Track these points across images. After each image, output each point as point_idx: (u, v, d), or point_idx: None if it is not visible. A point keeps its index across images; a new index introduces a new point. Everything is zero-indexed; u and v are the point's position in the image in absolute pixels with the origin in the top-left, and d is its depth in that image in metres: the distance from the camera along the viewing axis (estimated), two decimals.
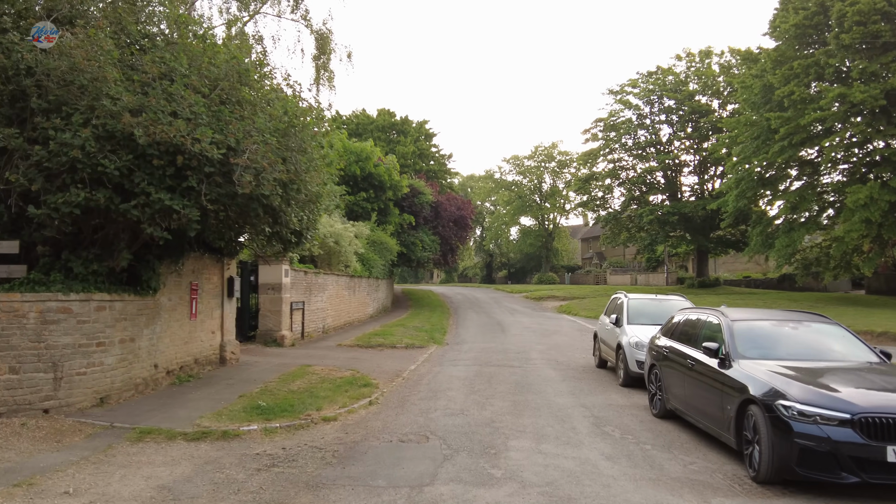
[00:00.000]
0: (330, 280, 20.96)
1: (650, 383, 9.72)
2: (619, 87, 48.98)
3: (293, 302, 17.26)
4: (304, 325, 18.14)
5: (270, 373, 11.98)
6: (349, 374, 11.86)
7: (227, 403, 9.25)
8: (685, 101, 43.32)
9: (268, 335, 16.43)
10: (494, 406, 9.75)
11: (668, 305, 13.13)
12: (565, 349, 17.66)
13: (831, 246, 31.77)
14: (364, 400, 9.81)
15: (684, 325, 9.11)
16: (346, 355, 15.20)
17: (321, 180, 10.87)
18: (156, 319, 10.30)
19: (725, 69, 45.42)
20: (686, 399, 8.27)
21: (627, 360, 11.64)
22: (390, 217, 32.75)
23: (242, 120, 8.67)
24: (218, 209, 8.59)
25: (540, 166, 74.29)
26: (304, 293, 18.33)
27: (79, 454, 6.81)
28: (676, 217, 41.30)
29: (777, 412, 6.08)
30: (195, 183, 8.22)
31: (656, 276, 58.11)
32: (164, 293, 10.57)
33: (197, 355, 11.88)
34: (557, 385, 11.78)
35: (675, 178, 46.91)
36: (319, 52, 19.84)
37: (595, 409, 9.72)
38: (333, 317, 21.46)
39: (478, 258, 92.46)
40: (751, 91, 31.98)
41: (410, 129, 45.16)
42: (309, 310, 18.75)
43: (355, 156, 31.11)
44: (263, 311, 16.52)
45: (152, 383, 10.24)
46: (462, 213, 38.83)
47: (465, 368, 13.72)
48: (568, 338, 20.81)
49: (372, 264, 27.30)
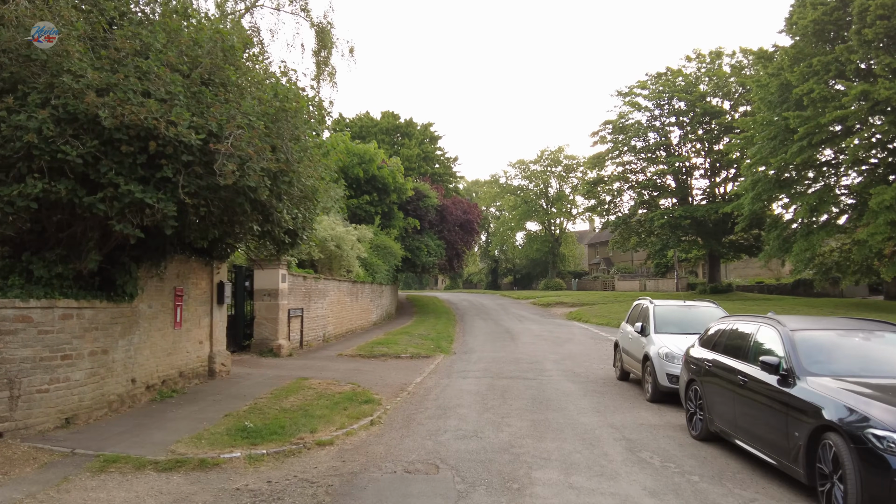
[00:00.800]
0: (331, 286, 19.91)
1: (688, 401, 8.62)
2: (628, 89, 47.98)
3: (291, 309, 16.20)
4: (302, 334, 17.07)
5: (263, 387, 10.90)
6: (349, 389, 10.77)
7: (210, 424, 8.19)
8: (696, 102, 42.21)
9: (263, 344, 15.37)
10: (512, 426, 8.65)
11: (699, 313, 12.02)
12: (581, 359, 16.55)
13: (851, 250, 30.58)
14: (365, 419, 8.73)
15: (730, 335, 7.99)
16: (346, 366, 14.12)
17: (317, 174, 9.84)
18: (133, 329, 9.25)
19: (737, 70, 44.36)
20: (736, 421, 7.16)
21: (657, 372, 10.53)
22: (394, 221, 31.73)
23: (227, 103, 7.64)
24: (198, 204, 7.54)
25: (546, 170, 73.23)
26: (303, 299, 17.28)
27: (25, 490, 5.74)
28: (689, 221, 40.14)
29: (868, 443, 4.97)
30: (171, 173, 7.18)
31: (666, 281, 56.91)
32: (144, 299, 9.53)
33: (182, 368, 10.82)
34: (579, 401, 10.67)
35: (686, 181, 45.77)
36: (320, 47, 18.86)
37: (626, 429, 8.62)
38: (335, 324, 20.40)
39: (483, 264, 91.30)
40: (767, 90, 30.88)
41: (415, 131, 44.18)
42: (308, 317, 17.69)
43: (358, 158, 30.13)
44: (259, 319, 15.46)
45: (129, 400, 9.18)
46: (468, 216, 37.75)
47: (475, 381, 12.63)
48: (582, 346, 19.69)
49: (375, 269, 26.25)
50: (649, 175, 45.84)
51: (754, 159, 31.38)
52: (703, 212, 40.20)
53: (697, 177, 46.85)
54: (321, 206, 11.10)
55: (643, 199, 46.08)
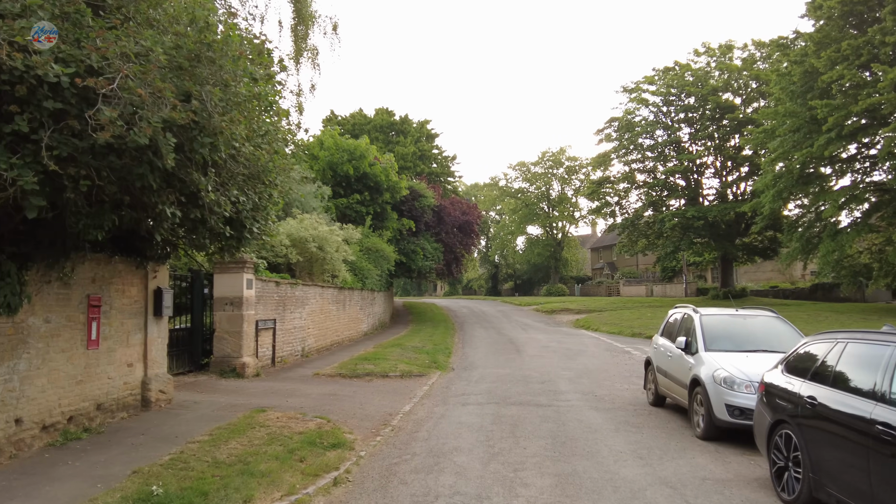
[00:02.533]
0: (312, 293, 17.52)
1: (773, 450, 6.23)
2: (635, 85, 45.66)
3: (260, 320, 13.81)
4: (275, 349, 14.67)
5: (204, 423, 8.50)
6: (314, 427, 8.35)
7: (106, 488, 5.80)
8: (708, 96, 39.87)
9: (225, 363, 12.97)
10: (530, 487, 6.26)
11: (757, 325, 9.65)
12: (600, 376, 14.16)
13: (885, 250, 28.24)
14: (326, 477, 6.33)
15: (847, 361, 5.60)
16: (321, 390, 11.71)
17: (270, 148, 7.48)
18: (17, 352, 6.87)
19: (748, 64, 42.03)
20: (873, 493, 4.76)
21: (712, 402, 8.14)
22: (388, 222, 29.38)
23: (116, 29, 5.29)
24: (78, 174, 5.19)
25: (548, 173, 70.88)
26: (277, 309, 14.88)
27: None
28: (702, 222, 37.72)
29: None
30: (26, 127, 4.83)
31: (673, 286, 54.51)
32: (37, 312, 7.15)
33: (101, 399, 8.42)
34: (611, 439, 8.27)
35: (697, 180, 43.41)
36: (298, 20, 16.57)
37: (686, 489, 6.22)
38: (317, 336, 18.00)
39: (482, 269, 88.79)
40: (789, 79, 28.58)
41: (411, 128, 41.79)
42: (283, 329, 15.30)
43: (348, 154, 27.82)
44: (220, 333, 13.06)
45: (11, 447, 6.78)
46: (468, 218, 35.34)
47: (477, 409, 10.23)
48: (598, 360, 17.30)
49: (366, 274, 23.87)
50: (659, 174, 43.44)
51: (776, 153, 29.02)
52: (716, 212, 37.81)
53: (709, 175, 44.48)
54: (283, 192, 8.67)
55: (652, 200, 43.69)
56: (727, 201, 41.07)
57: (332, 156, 27.62)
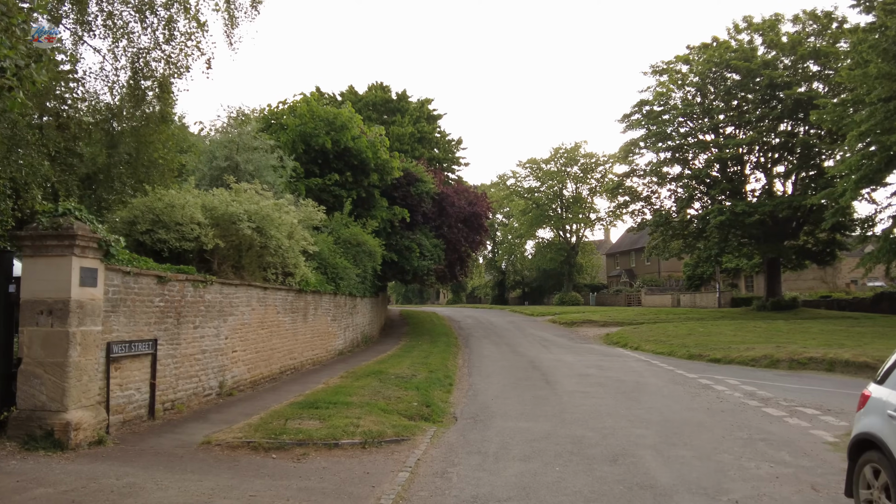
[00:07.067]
0: (241, 297, 11.65)
1: None
2: (665, 65, 39.88)
3: (116, 342, 7.93)
4: (154, 391, 8.76)
5: None
6: None
7: None
8: (760, 70, 33.85)
9: (36, 421, 7.08)
10: None
11: None
12: (701, 438, 8.22)
13: None
14: None
15: None
16: (181, 499, 5.79)
17: None
18: None
19: (797, 40, 36.07)
20: None
21: None
22: (375, 210, 23.49)
23: None
24: None
25: (561, 171, 64.81)
26: (161, 322, 9.01)
27: None
28: (755, 219, 31.67)
29: None
30: None
31: (703, 296, 48.45)
32: None
33: None
34: None
35: (740, 171, 37.40)
36: None
37: None
38: (251, 362, 12.12)
39: (488, 276, 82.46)
40: (884, 33, 22.65)
41: (409, 107, 35.84)
42: (180, 355, 9.42)
43: (325, 123, 22.01)
44: (28, 364, 7.19)
45: None
46: (475, 209, 29.35)
47: None
48: (674, 401, 11.35)
49: (340, 274, 17.98)
50: (698, 164, 37.43)
51: (865, 126, 23.03)
52: (770, 207, 31.84)
53: (751, 167, 38.38)
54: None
55: (688, 194, 37.69)
56: (774, 197, 35.11)
57: (304, 125, 21.81)
